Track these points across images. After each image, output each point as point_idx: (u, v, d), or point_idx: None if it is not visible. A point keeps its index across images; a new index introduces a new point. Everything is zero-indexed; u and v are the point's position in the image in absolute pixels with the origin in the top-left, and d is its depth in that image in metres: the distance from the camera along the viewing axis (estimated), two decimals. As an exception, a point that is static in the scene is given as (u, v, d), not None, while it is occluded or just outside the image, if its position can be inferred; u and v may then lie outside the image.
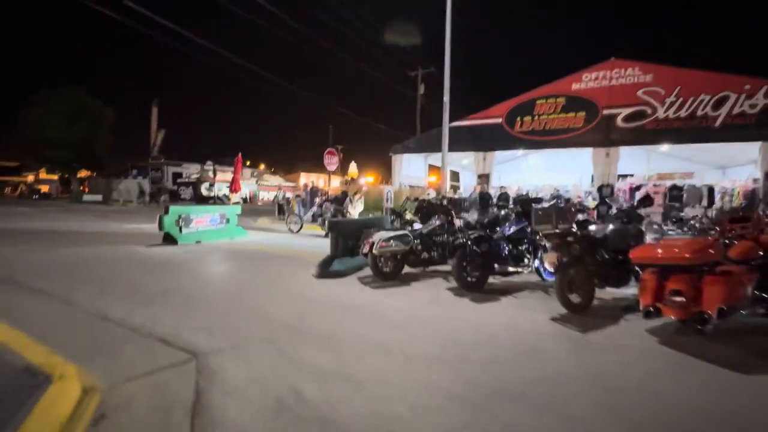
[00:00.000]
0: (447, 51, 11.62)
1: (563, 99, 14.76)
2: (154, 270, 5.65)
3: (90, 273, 5.39)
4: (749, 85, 12.01)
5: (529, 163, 22.12)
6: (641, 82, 13.50)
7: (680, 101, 12.90)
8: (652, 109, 13.31)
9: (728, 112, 12.28)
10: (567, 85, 14.71)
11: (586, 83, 14.40)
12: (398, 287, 4.94)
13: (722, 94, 12.34)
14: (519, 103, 15.63)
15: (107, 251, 7.21)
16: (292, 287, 4.87)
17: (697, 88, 12.66)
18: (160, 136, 31.76)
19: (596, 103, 14.20)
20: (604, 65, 14.14)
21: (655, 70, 13.31)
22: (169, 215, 8.08)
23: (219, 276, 5.54)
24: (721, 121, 12.39)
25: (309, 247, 8.43)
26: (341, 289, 4.84)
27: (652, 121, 13.33)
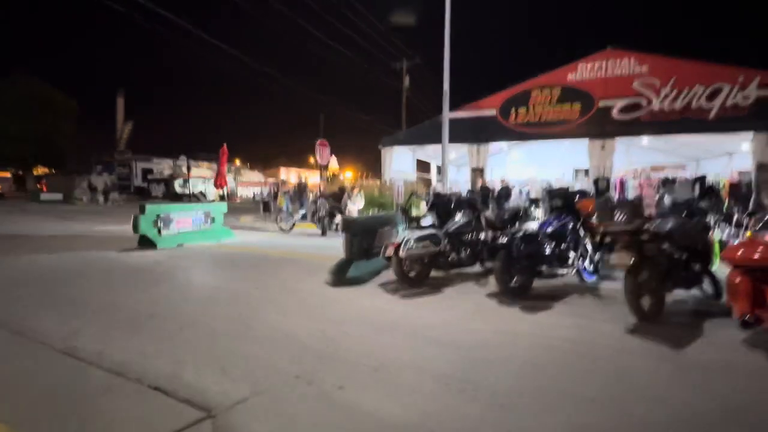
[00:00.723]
0: (446, 36, 10.99)
1: (558, 90, 14.47)
2: (134, 283, 4.74)
3: (54, 289, 4.43)
4: (742, 76, 12.06)
5: (513, 156, 21.97)
6: (637, 73, 13.36)
7: (675, 92, 12.84)
8: (648, 101, 13.21)
9: (722, 104, 12.31)
10: (562, 75, 14.41)
11: (581, 73, 14.16)
12: (430, 295, 4.29)
13: (716, 86, 12.34)
14: (514, 94, 15.24)
15: (74, 259, 6.16)
16: (307, 299, 4.11)
17: (692, 79, 12.62)
18: (126, 129, 29.57)
19: (592, 95, 13.99)
20: (599, 55, 13.91)
21: (651, 60, 13.19)
22: (146, 215, 7.07)
23: (216, 288, 4.69)
24: (715, 113, 12.41)
25: (308, 247, 7.64)
26: (365, 299, 4.13)
27: (648, 113, 13.23)
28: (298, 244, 8.15)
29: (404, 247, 4.34)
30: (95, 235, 9.22)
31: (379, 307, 3.87)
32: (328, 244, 8.22)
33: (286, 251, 7.17)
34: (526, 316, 3.64)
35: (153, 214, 7.19)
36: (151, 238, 7.06)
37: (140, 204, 7.14)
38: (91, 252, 6.72)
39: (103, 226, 11.30)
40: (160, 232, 7.28)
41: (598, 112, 13.91)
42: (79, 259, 6.16)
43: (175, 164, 30.03)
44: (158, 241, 7.09)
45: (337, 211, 9.68)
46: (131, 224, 7.03)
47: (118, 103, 29.09)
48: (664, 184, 14.80)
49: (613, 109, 13.68)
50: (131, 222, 7.03)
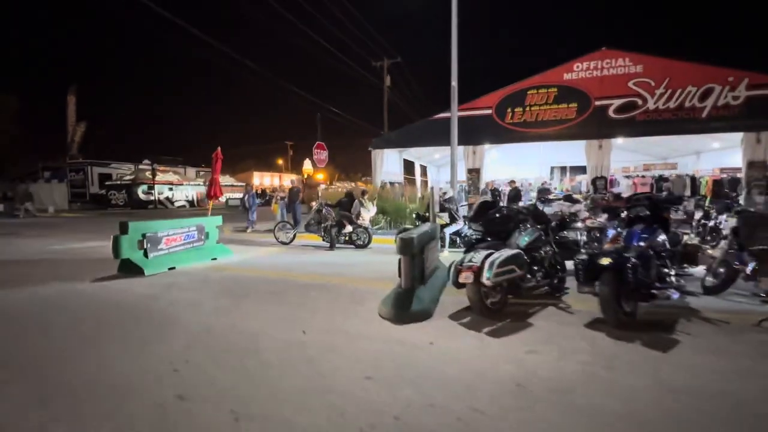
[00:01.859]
0: (453, 30, 10.32)
1: (555, 89, 14.27)
2: (128, 335, 3.58)
3: (4, 350, 3.21)
4: (732, 77, 12.34)
5: (492, 156, 21.95)
6: (632, 73, 13.39)
7: (669, 92, 12.96)
8: (643, 100, 13.26)
9: (713, 104, 12.55)
10: (558, 74, 14.23)
11: (577, 73, 14.03)
12: (523, 332, 3.52)
13: (707, 86, 12.57)
14: (509, 93, 14.89)
15: (30, 298, 4.81)
16: (382, 349, 3.20)
17: (685, 79, 12.79)
18: (79, 130, 26.56)
19: (588, 94, 13.89)
20: (594, 55, 13.84)
21: (645, 61, 13.26)
22: (129, 235, 5.78)
23: (251, 337, 3.59)
24: (707, 113, 12.63)
25: (326, 266, 6.64)
26: (454, 343, 3.29)
27: (643, 112, 13.29)
28: (309, 262, 7.12)
29: (488, 272, 3.54)
30: (52, 257, 7.66)
31: (480, 355, 3.03)
32: (344, 260, 7.26)
33: (304, 273, 6.13)
34: (666, 358, 2.95)
35: (137, 233, 5.90)
36: (136, 263, 5.78)
37: (121, 222, 5.82)
38: (54, 285, 5.35)
39: (59, 244, 9.58)
40: (147, 254, 6.00)
41: (594, 111, 13.83)
42: (38, 297, 4.81)
43: (138, 169, 27.37)
44: (145, 266, 5.82)
45: (346, 220, 8.71)
46: (111, 247, 5.71)
47: (69, 102, 26.02)
48: (656, 182, 15.07)
49: (609, 109, 13.65)
50: (111, 244, 5.71)
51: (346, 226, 8.67)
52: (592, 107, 13.87)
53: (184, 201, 28.11)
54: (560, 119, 14.30)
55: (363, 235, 8.73)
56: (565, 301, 4.34)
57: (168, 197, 26.86)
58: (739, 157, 18.46)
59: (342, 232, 8.72)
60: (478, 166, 15.85)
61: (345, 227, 8.67)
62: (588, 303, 4.09)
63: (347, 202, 8.93)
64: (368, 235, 8.72)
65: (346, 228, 8.67)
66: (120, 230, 5.77)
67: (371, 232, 8.89)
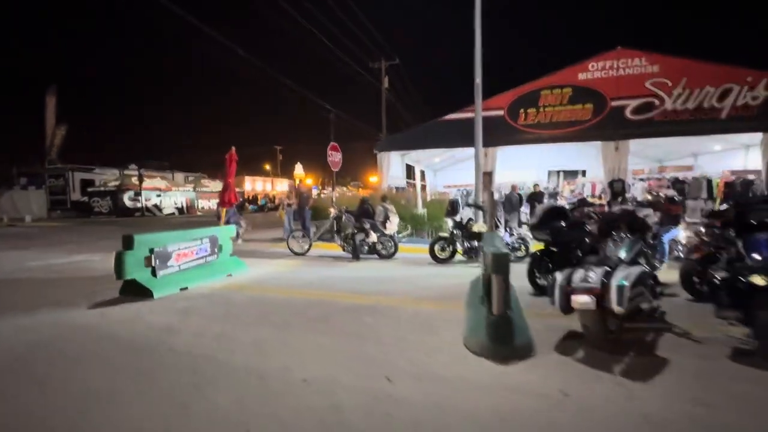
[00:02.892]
0: (477, 26, 9.73)
1: (570, 90, 13.85)
2: (144, 386, 2.71)
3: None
4: (751, 77, 12.13)
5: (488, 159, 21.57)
6: (648, 73, 13.08)
7: (687, 93, 12.68)
8: (660, 101, 12.94)
9: (732, 104, 12.31)
10: (573, 74, 13.82)
11: (592, 73, 13.65)
12: (666, 370, 2.81)
13: (726, 86, 12.32)
14: (522, 93, 14.40)
15: (14, 332, 3.85)
16: (500, 407, 2.42)
17: (702, 79, 12.53)
18: (59, 134, 24.93)
19: (604, 94, 13.50)
20: (609, 54, 13.49)
21: (661, 60, 12.97)
22: (135, 250, 4.85)
23: (304, 383, 2.77)
24: (726, 113, 12.37)
25: (363, 281, 5.84)
26: (591, 391, 2.54)
27: (661, 113, 12.96)
28: (339, 277, 6.29)
29: (618, 296, 2.81)
30: (34, 276, 6.59)
31: (638, 412, 2.29)
32: (378, 273, 6.47)
33: (342, 292, 5.30)
34: None
35: (144, 248, 4.97)
36: (143, 284, 4.85)
37: (125, 236, 4.87)
38: (42, 314, 4.37)
39: (40, 258, 8.45)
40: (155, 272, 5.07)
41: (611, 112, 13.45)
42: (24, 334, 3.83)
43: (123, 174, 25.83)
44: (154, 287, 4.89)
45: (370, 227, 7.90)
46: (114, 265, 4.76)
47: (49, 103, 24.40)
48: (673, 184, 14.76)
49: (626, 110, 13.29)
50: (113, 262, 4.76)
51: (371, 235, 7.87)
52: (608, 108, 13.48)
53: (173, 208, 26.65)
54: (575, 120, 13.87)
55: (389, 243, 7.95)
56: (675, 323, 3.66)
57: (156, 204, 25.43)
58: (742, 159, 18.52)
59: (366, 241, 7.91)
60: (490, 168, 15.25)
61: (369, 236, 7.87)
62: (702, 327, 3.45)
63: (367, 210, 8.14)
64: (394, 243, 7.95)
65: (371, 237, 7.87)
66: (123, 245, 4.83)
67: (397, 240, 8.12)
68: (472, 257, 7.35)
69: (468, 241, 7.31)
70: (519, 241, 7.37)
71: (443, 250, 7.42)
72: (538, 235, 5.18)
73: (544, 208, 5.21)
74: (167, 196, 26.48)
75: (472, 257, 7.35)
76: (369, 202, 8.43)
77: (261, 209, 30.47)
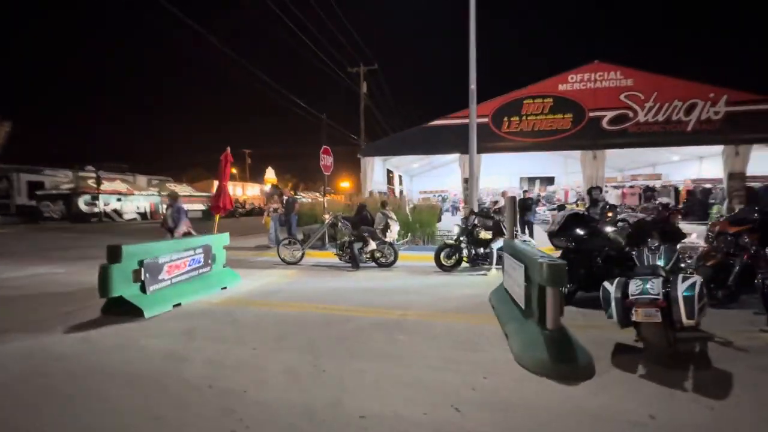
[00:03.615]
0: (471, 33, 9.73)
1: (551, 99, 14.33)
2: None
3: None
4: (713, 93, 13.09)
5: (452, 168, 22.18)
6: (623, 86, 13.79)
7: (657, 106, 13.48)
8: (634, 113, 13.67)
9: (697, 118, 13.21)
10: (554, 85, 14.32)
11: (572, 84, 14.20)
12: (738, 385, 2.72)
13: (692, 101, 13.22)
14: (506, 102, 14.73)
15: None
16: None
17: (671, 94, 13.37)
18: (2, 131, 22.45)
19: (583, 105, 14.08)
20: (588, 67, 14.11)
21: (635, 75, 13.72)
22: (122, 263, 4.21)
23: (364, 420, 2.41)
24: (691, 126, 13.25)
25: (375, 292, 5.49)
26: (677, 414, 2.38)
27: (634, 124, 13.69)
28: (347, 289, 5.89)
29: (687, 307, 2.71)
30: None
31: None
32: (386, 284, 6.14)
33: (356, 306, 4.92)
34: None
35: (132, 260, 4.34)
36: (132, 302, 4.22)
37: (111, 246, 4.22)
38: (7, 341, 3.67)
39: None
40: (145, 287, 4.45)
41: (589, 122, 14.02)
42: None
43: (77, 176, 23.63)
44: (145, 305, 4.27)
45: (369, 235, 7.56)
46: (98, 281, 4.10)
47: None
48: (644, 192, 15.59)
49: (603, 120, 13.90)
50: (98, 277, 4.10)
51: (370, 243, 7.54)
52: (586, 118, 14.05)
53: (135, 213, 24.71)
54: (556, 129, 14.33)
55: (388, 251, 7.65)
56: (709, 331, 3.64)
57: (116, 209, 23.47)
58: (696, 169, 19.99)
59: (364, 250, 7.57)
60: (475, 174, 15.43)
61: (368, 244, 7.53)
62: (737, 334, 3.51)
63: (366, 217, 7.81)
64: (394, 251, 7.67)
65: (370, 245, 7.53)
66: (109, 258, 4.18)
67: (396, 248, 7.84)
68: (477, 265, 7.21)
69: (474, 249, 7.17)
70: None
71: (449, 257, 7.23)
72: (557, 242, 5.10)
73: (564, 214, 5.15)
74: (129, 201, 24.50)
75: (478, 265, 7.22)
76: (367, 209, 8.10)
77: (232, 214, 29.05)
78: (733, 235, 4.67)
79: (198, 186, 34.00)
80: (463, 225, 7.44)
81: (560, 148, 14.64)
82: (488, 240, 7.07)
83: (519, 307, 3.75)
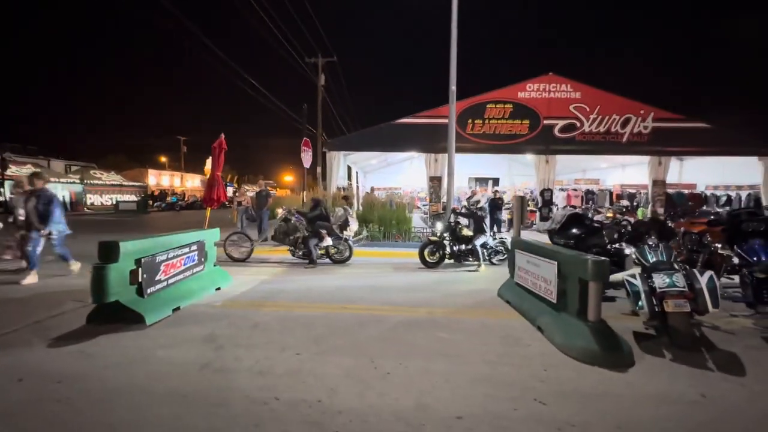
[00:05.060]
0: (453, 34, 9.96)
1: (511, 105, 15.28)
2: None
3: None
4: (643, 110, 15.00)
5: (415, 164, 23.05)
6: (572, 98, 15.18)
7: (600, 118, 15.09)
8: (580, 123, 15.15)
9: (631, 131, 15.05)
10: (514, 92, 15.28)
11: (529, 93, 15.27)
12: (754, 366, 3.15)
13: (627, 116, 15.03)
14: (470, 104, 15.37)
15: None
16: (661, 417, 2.41)
17: (611, 108, 15.06)
18: None
19: (538, 113, 15.23)
20: (543, 78, 15.28)
21: (582, 89, 15.18)
22: (120, 263, 3.61)
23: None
24: (626, 138, 15.08)
25: (378, 290, 5.38)
26: (717, 392, 2.72)
27: (580, 133, 15.18)
28: (347, 286, 5.71)
29: (713, 298, 3.10)
30: None
31: None
32: (384, 280, 6.11)
33: (372, 304, 4.80)
34: None
35: (129, 259, 3.74)
36: (130, 306, 3.65)
37: (105, 243, 3.57)
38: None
39: None
40: (143, 290, 3.87)
41: (543, 129, 15.23)
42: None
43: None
44: (145, 310, 3.72)
45: (326, 231, 7.41)
46: (91, 284, 3.46)
47: None
48: (586, 194, 17.34)
49: (555, 128, 15.20)
50: (90, 280, 3.46)
51: (326, 239, 7.41)
52: (541, 125, 15.24)
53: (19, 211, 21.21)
54: (515, 134, 15.34)
55: (344, 248, 7.64)
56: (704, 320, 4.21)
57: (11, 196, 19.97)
58: (620, 175, 22.74)
59: (320, 246, 7.43)
60: (439, 174, 15.89)
61: (324, 239, 7.40)
62: (719, 320, 4.04)
63: (323, 210, 7.66)
64: (349, 247, 7.68)
65: (326, 240, 7.41)
66: (103, 256, 3.55)
67: (352, 244, 7.81)
68: (460, 261, 7.44)
69: (457, 245, 7.37)
70: (500, 245, 7.72)
71: (433, 254, 7.37)
72: (557, 240, 5.48)
73: (565, 214, 5.55)
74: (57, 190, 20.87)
75: (460, 261, 7.45)
76: (323, 204, 7.93)
77: (172, 207, 26.38)
78: (697, 234, 5.43)
79: (128, 175, 30.27)
80: (445, 222, 7.62)
81: (518, 151, 15.68)
82: (470, 237, 7.34)
83: (546, 302, 3.97)
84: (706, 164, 17.06)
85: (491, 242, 7.69)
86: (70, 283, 5.43)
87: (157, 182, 32.70)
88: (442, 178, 16.01)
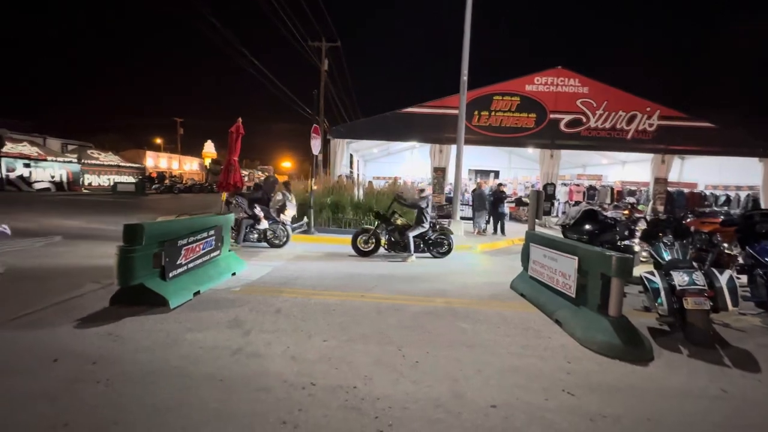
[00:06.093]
0: (467, 23, 9.83)
1: (518, 98, 15.21)
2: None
3: None
4: (649, 107, 15.01)
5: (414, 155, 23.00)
6: (580, 93, 15.13)
7: (606, 114, 15.08)
8: (587, 118, 15.14)
9: (636, 128, 15.08)
10: (521, 85, 15.19)
11: (537, 86, 15.19)
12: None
13: (632, 113, 15.03)
14: (477, 96, 15.25)
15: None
16: (683, 411, 2.51)
17: (617, 105, 15.05)
18: None
19: (545, 106, 15.18)
20: (551, 72, 15.18)
21: (590, 84, 15.11)
22: (144, 246, 3.61)
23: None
24: (631, 135, 15.11)
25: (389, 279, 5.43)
26: (737, 389, 2.81)
27: (586, 128, 15.18)
28: (357, 274, 5.75)
29: (732, 297, 3.18)
30: None
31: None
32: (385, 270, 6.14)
33: (392, 294, 4.85)
34: None
35: (152, 242, 3.73)
36: (154, 290, 3.66)
37: (129, 225, 3.56)
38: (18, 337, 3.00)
39: None
40: (165, 274, 3.88)
41: (549, 123, 15.21)
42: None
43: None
44: (169, 293, 3.74)
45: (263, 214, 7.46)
46: (116, 267, 3.46)
47: None
48: (588, 190, 17.45)
49: (561, 123, 15.19)
50: (115, 264, 3.46)
51: (262, 221, 7.46)
52: (547, 119, 15.22)
53: (48, 182, 20.94)
54: (521, 127, 15.31)
55: (281, 232, 7.71)
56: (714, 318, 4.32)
57: (23, 176, 19.70)
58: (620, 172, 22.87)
59: (256, 228, 7.50)
60: (444, 165, 15.88)
61: (260, 222, 7.46)
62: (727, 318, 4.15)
63: (262, 196, 7.68)
64: (287, 233, 7.74)
65: (262, 223, 7.47)
66: (128, 239, 3.54)
67: (289, 229, 7.86)
68: (395, 251, 7.28)
69: (392, 235, 7.24)
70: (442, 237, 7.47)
71: (366, 243, 7.23)
72: (570, 235, 5.54)
73: (580, 210, 5.60)
74: (40, 168, 20.59)
75: (396, 251, 7.28)
76: (263, 188, 7.95)
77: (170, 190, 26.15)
78: (707, 234, 5.52)
79: (126, 156, 29.85)
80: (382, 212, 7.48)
81: (523, 145, 15.66)
82: (405, 227, 7.21)
83: (564, 296, 4.05)
84: (707, 163, 17.20)
85: (432, 234, 7.41)
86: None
87: (155, 164, 32.29)
88: (446, 169, 16.03)
